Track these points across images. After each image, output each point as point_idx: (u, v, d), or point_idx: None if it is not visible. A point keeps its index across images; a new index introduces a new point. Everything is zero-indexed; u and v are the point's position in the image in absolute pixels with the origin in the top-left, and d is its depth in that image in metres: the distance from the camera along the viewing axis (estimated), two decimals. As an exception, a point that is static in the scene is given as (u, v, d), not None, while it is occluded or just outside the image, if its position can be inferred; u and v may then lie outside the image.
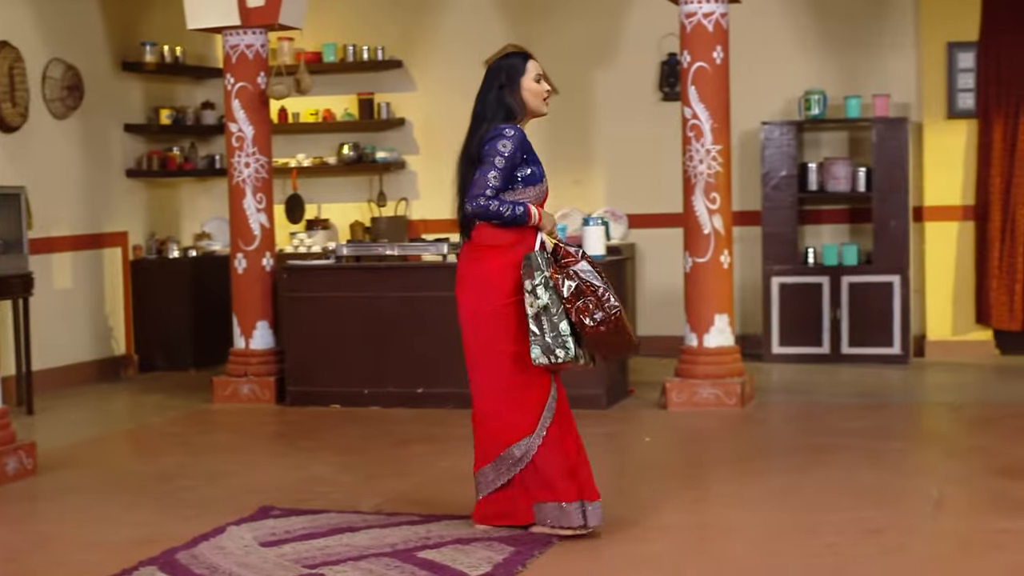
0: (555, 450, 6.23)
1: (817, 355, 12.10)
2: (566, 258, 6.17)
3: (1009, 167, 12.01)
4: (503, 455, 6.30)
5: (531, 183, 6.27)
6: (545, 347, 6.09)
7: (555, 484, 6.24)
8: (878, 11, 12.42)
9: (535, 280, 6.09)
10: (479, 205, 6.17)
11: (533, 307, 6.09)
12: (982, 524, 6.50)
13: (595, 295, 6.06)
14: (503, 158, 6.16)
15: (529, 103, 6.34)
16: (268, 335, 10.88)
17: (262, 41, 10.83)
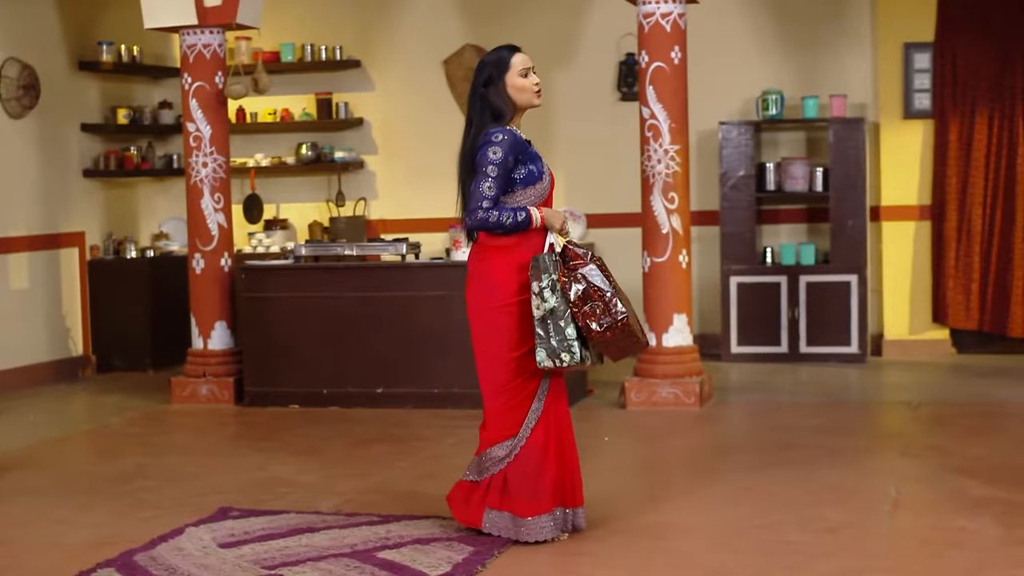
0: (532, 459, 6.21)
1: (775, 354, 12.15)
2: (575, 260, 6.13)
3: (965, 167, 12.08)
4: (485, 453, 6.31)
5: (530, 183, 6.22)
6: (551, 350, 6.07)
7: (518, 496, 6.22)
8: (835, 12, 12.47)
9: (542, 283, 6.06)
10: (478, 218, 6.15)
11: (540, 310, 6.06)
12: (940, 523, 6.54)
13: (603, 300, 6.04)
14: (495, 166, 6.11)
15: (517, 99, 6.26)
16: (226, 335, 10.85)
17: (219, 41, 10.79)
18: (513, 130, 6.22)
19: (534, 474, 6.21)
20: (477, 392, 9.91)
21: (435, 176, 13.16)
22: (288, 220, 13.51)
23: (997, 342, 12.26)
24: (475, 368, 6.32)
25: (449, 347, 10.04)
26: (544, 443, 6.23)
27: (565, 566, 5.98)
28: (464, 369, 9.97)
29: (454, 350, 10.01)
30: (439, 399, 10.08)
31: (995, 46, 11.99)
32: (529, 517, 6.21)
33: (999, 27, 11.96)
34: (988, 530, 6.34)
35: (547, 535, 6.23)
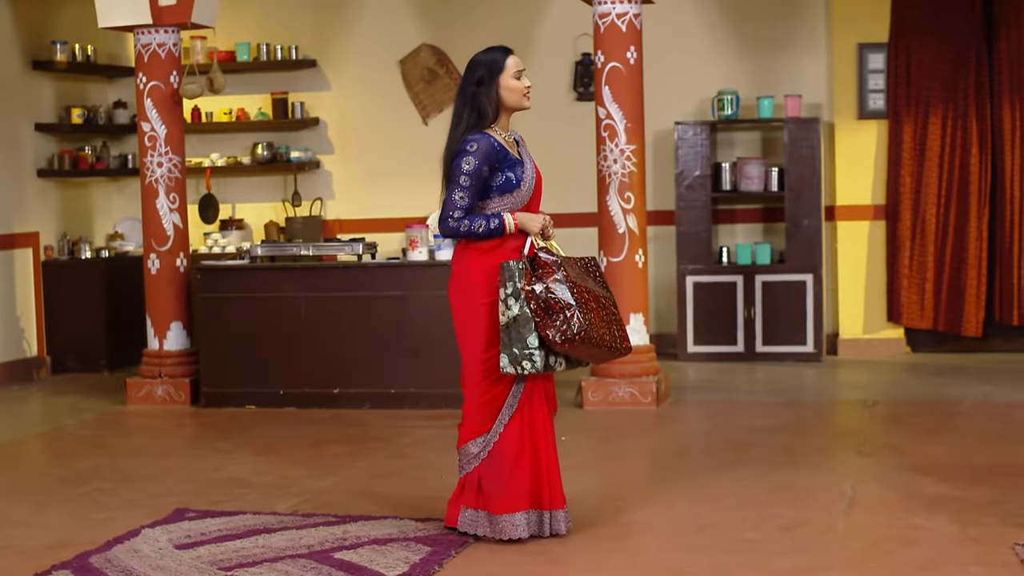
0: (507, 455, 6.23)
1: (731, 353, 12.19)
2: (543, 268, 6.14)
3: (919, 167, 12.15)
4: (462, 449, 6.34)
5: (506, 190, 6.23)
6: (512, 357, 6.10)
7: (492, 493, 6.26)
8: (790, 12, 12.52)
9: (507, 290, 6.09)
10: (449, 228, 6.17)
11: (504, 316, 6.10)
12: (895, 521, 6.57)
13: (563, 313, 6.05)
14: (467, 176, 6.12)
15: (507, 100, 6.28)
16: (182, 336, 10.81)
17: (174, 40, 10.75)
18: (490, 137, 6.21)
19: (507, 472, 6.24)
20: (434, 392, 10.02)
21: (391, 176, 13.17)
22: (244, 220, 13.46)
23: (951, 341, 12.34)
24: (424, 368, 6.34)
25: (406, 347, 10.03)
26: (518, 442, 6.25)
27: (523, 565, 5.98)
28: (421, 369, 9.99)
29: (411, 350, 10.01)
30: (396, 399, 10.08)
31: (949, 47, 12.06)
32: (503, 514, 6.25)
33: (953, 28, 12.04)
34: (943, 528, 6.38)
35: (520, 533, 6.26)
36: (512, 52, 6.36)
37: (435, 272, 10.00)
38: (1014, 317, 12.07)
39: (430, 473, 7.90)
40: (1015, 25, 11.94)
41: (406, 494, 7.36)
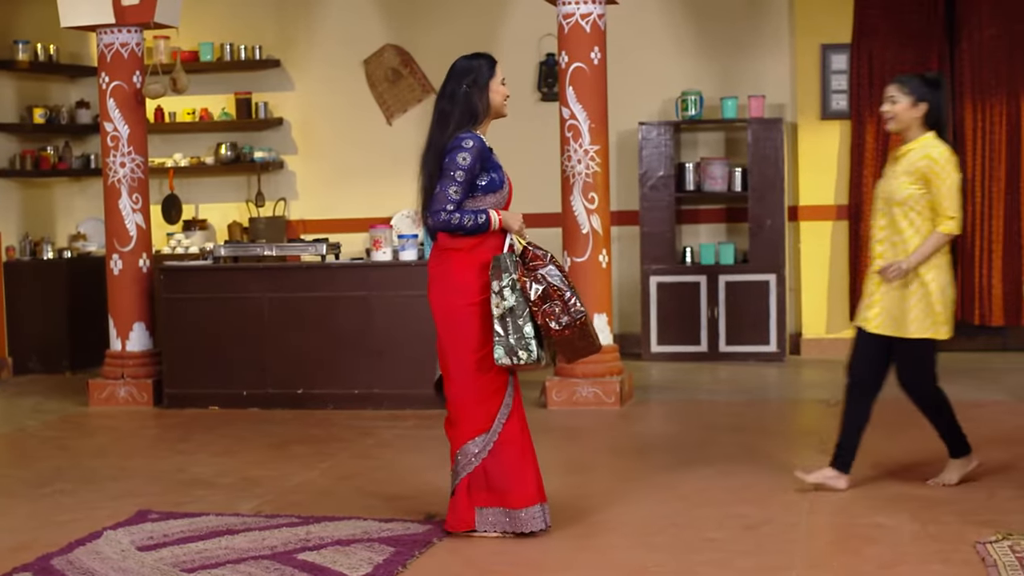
0: (511, 450, 6.29)
1: (695, 353, 12.22)
2: (534, 260, 6.26)
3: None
4: (460, 450, 6.35)
5: (491, 190, 6.31)
6: (508, 348, 6.16)
7: (505, 488, 6.29)
8: (753, 13, 12.56)
9: (503, 282, 6.16)
10: (441, 220, 6.23)
11: (499, 308, 6.16)
12: (856, 519, 6.60)
13: (561, 299, 6.17)
14: (462, 171, 6.20)
15: (495, 104, 6.38)
16: (145, 337, 10.77)
17: (137, 40, 10.72)
18: (482, 138, 6.33)
19: (518, 465, 6.30)
20: (398, 393, 10.00)
21: (355, 176, 13.16)
22: (207, 220, 13.43)
23: (913, 340, 12.38)
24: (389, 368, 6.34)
25: (370, 348, 10.02)
26: (521, 436, 6.34)
27: (487, 565, 5.99)
28: (385, 369, 9.98)
29: (375, 351, 10.00)
30: (359, 400, 10.07)
31: (911, 48, 12.12)
32: (523, 508, 6.29)
33: (915, 29, 12.10)
34: (904, 526, 6.41)
35: (537, 526, 6.32)
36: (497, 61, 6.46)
37: (399, 272, 10.00)
38: (975, 317, 12.14)
39: (394, 473, 7.90)
40: (976, 26, 12.01)
41: (370, 494, 7.35)
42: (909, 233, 6.92)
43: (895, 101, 6.99)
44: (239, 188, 13.54)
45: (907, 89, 6.98)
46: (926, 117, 6.97)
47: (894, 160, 7.06)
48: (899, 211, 6.93)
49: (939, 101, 6.99)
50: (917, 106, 6.95)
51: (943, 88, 7.04)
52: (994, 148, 12.03)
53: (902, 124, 7.00)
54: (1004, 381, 10.65)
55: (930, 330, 6.97)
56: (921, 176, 6.87)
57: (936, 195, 6.86)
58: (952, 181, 6.86)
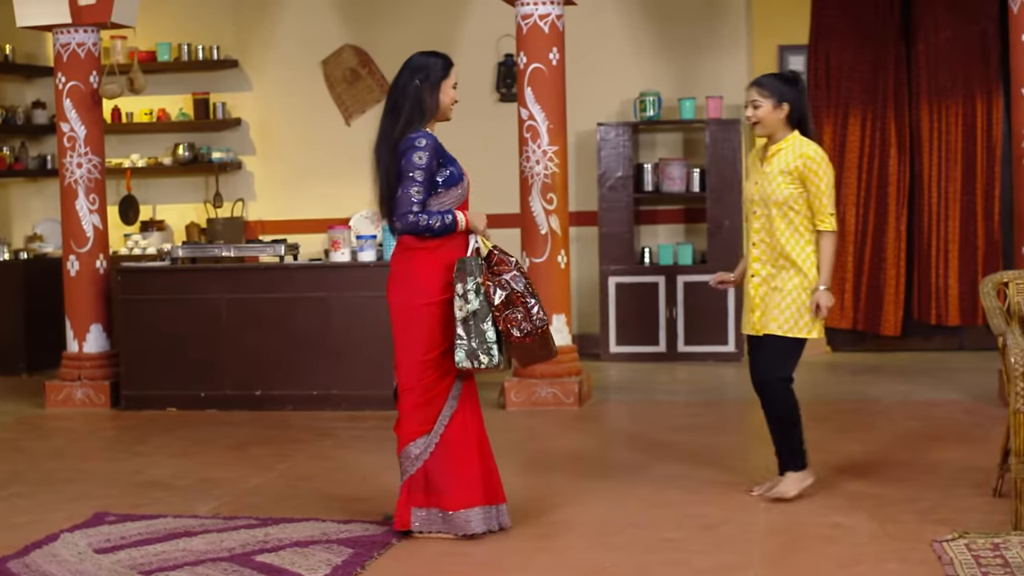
0: (452, 453, 6.28)
1: (654, 354, 12.25)
2: (499, 265, 6.27)
3: (839, 168, 12.24)
4: (404, 451, 6.35)
5: (451, 184, 6.31)
6: (470, 351, 6.16)
7: (442, 490, 6.29)
8: (711, 14, 12.60)
9: (467, 285, 6.16)
10: (408, 222, 6.23)
11: (462, 311, 6.16)
12: (814, 518, 6.62)
13: (524, 306, 6.19)
14: (421, 170, 6.20)
15: (443, 105, 6.38)
16: (102, 338, 10.72)
17: (94, 39, 10.67)
18: (434, 135, 6.34)
19: (457, 468, 6.29)
20: (356, 394, 9.98)
21: (314, 177, 13.14)
22: (165, 221, 13.39)
23: (870, 340, 12.47)
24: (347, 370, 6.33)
25: (328, 349, 10.01)
26: (464, 438, 6.32)
27: (445, 567, 5.98)
28: (343, 370, 9.97)
29: (333, 352, 9.98)
30: (317, 401, 10.05)
31: (868, 49, 12.18)
32: (459, 511, 6.29)
33: (871, 30, 12.16)
34: (862, 525, 6.44)
35: (477, 528, 6.31)
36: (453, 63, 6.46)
37: (357, 273, 9.98)
38: (932, 316, 12.21)
39: (352, 475, 7.89)
40: (932, 28, 12.09)
41: (328, 496, 7.34)
42: (787, 234, 6.83)
43: (758, 105, 6.89)
44: (197, 189, 13.49)
45: (767, 91, 6.90)
46: (789, 116, 6.89)
47: (763, 161, 6.95)
48: (777, 211, 6.84)
49: (800, 99, 6.91)
50: (780, 107, 6.86)
51: (802, 85, 6.97)
52: (950, 149, 12.10)
53: (768, 127, 6.91)
54: (960, 380, 10.71)
55: (798, 329, 6.86)
56: (799, 175, 6.79)
57: (814, 194, 6.79)
58: (829, 178, 6.81)
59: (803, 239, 6.85)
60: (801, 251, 6.85)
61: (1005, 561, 5.66)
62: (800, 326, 6.86)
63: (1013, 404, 6.22)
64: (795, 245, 6.84)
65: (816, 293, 6.81)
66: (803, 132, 6.93)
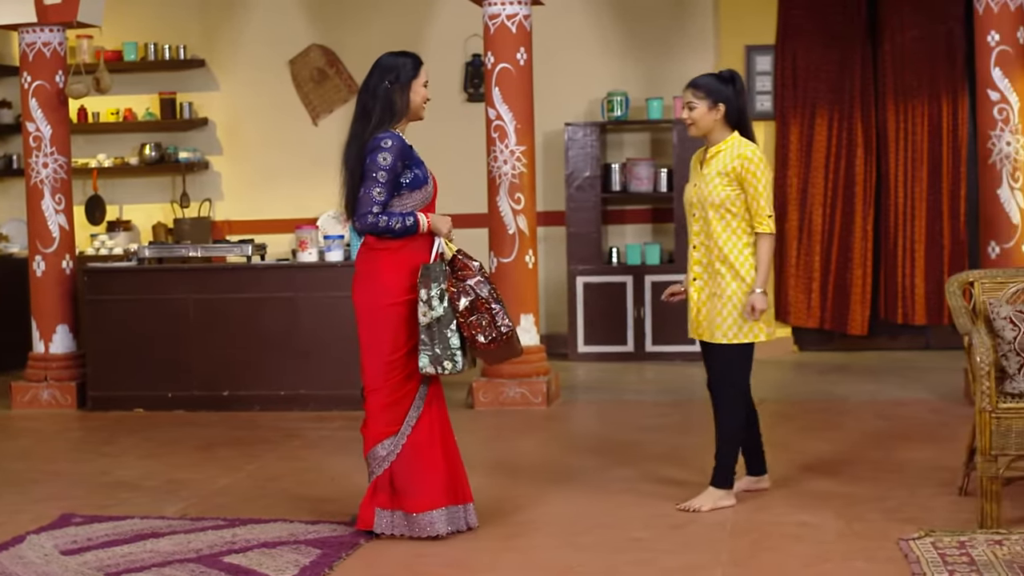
0: (418, 454, 6.29)
1: (621, 353, 12.26)
2: (463, 270, 6.26)
3: (806, 168, 12.30)
4: (371, 453, 6.35)
5: (416, 187, 6.31)
6: (434, 357, 6.17)
7: (406, 491, 6.29)
8: (678, 14, 12.62)
9: (431, 291, 6.16)
10: (368, 223, 6.23)
11: (427, 317, 6.16)
12: (782, 517, 6.64)
13: (489, 312, 6.20)
14: (384, 171, 6.20)
15: (414, 105, 6.39)
16: (68, 339, 10.68)
17: (60, 39, 10.62)
18: (401, 135, 6.33)
19: (421, 470, 6.29)
20: (324, 394, 9.97)
21: (281, 177, 13.12)
22: (131, 221, 13.34)
23: (837, 339, 12.52)
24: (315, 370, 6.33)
25: (296, 349, 9.99)
26: (429, 439, 6.32)
27: (413, 567, 5.98)
28: (311, 371, 9.95)
29: (301, 352, 9.97)
30: (285, 401, 10.03)
31: (834, 50, 12.22)
32: (421, 512, 6.29)
33: (838, 31, 12.21)
34: (828, 524, 6.46)
35: (440, 530, 6.31)
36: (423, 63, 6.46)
37: (325, 273, 9.97)
38: (898, 316, 12.27)
39: (320, 475, 7.88)
40: (898, 28, 12.14)
41: (296, 496, 7.33)
42: (724, 236, 6.70)
43: (693, 106, 6.82)
44: (164, 189, 13.45)
45: (702, 92, 6.83)
46: (727, 117, 6.80)
47: (703, 163, 6.85)
48: (714, 214, 6.71)
49: (736, 99, 6.82)
50: (716, 107, 6.78)
51: (739, 85, 6.89)
52: (916, 149, 12.15)
53: (704, 128, 6.82)
54: (927, 380, 10.76)
55: (743, 335, 6.75)
56: (736, 177, 6.67)
57: (752, 195, 6.66)
58: (767, 179, 6.68)
59: (741, 242, 6.72)
60: (739, 254, 6.72)
61: (971, 559, 5.69)
62: (744, 331, 6.74)
63: (979, 403, 6.25)
64: (733, 248, 6.71)
65: (751, 295, 6.68)
66: (743, 133, 6.83)
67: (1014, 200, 9.51)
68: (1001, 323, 6.40)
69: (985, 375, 6.22)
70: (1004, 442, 6.24)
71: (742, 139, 6.80)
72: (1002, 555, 5.72)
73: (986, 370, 6.22)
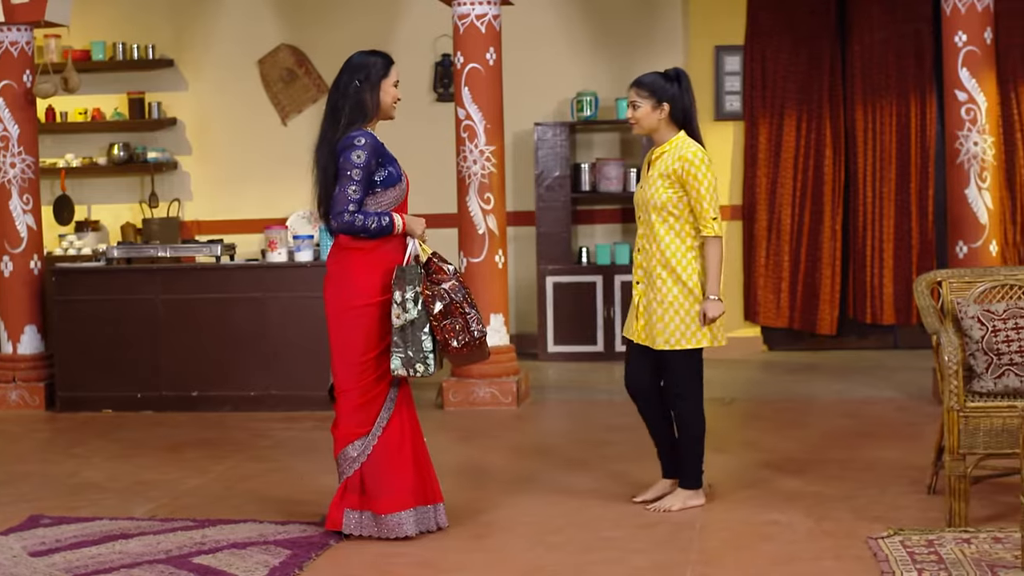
0: (388, 455, 6.29)
1: (591, 353, 12.27)
2: (438, 273, 6.27)
3: (774, 168, 12.34)
4: (342, 454, 6.35)
5: (390, 184, 6.31)
6: (406, 360, 6.17)
7: (376, 492, 6.29)
8: (647, 15, 12.64)
9: (406, 294, 6.16)
10: (344, 221, 6.22)
11: (400, 319, 6.16)
12: (752, 516, 6.66)
13: (463, 316, 6.20)
14: (359, 169, 6.20)
15: (384, 104, 6.39)
16: (36, 339, 10.64)
17: (27, 38, 10.58)
18: (373, 134, 6.33)
19: (391, 471, 6.29)
20: (293, 395, 9.95)
21: (250, 177, 13.09)
22: (100, 222, 13.29)
23: (806, 339, 12.55)
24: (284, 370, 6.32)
25: (265, 349, 9.97)
26: (399, 440, 6.32)
27: (383, 567, 5.98)
28: (280, 371, 9.93)
29: (270, 352, 9.95)
30: (255, 401, 10.01)
31: (803, 49, 12.26)
32: (390, 514, 6.29)
33: (807, 31, 12.24)
34: (798, 523, 6.48)
35: (409, 531, 6.31)
36: (393, 62, 6.45)
37: (295, 274, 9.96)
38: (867, 315, 12.31)
39: (290, 476, 7.86)
40: (867, 29, 12.18)
41: (266, 497, 7.32)
42: (668, 239, 6.61)
43: (637, 105, 6.77)
44: (132, 189, 13.41)
45: (646, 91, 6.77)
46: (672, 116, 6.74)
47: (649, 164, 6.78)
48: (657, 216, 6.63)
49: (681, 98, 6.73)
50: (660, 107, 6.72)
51: (684, 83, 6.78)
52: (884, 149, 12.20)
53: (647, 128, 6.77)
54: (895, 379, 10.80)
55: (687, 340, 6.66)
56: (678, 179, 6.59)
57: (695, 197, 6.57)
58: (709, 181, 6.58)
59: (685, 245, 6.63)
60: (682, 258, 6.63)
61: (939, 557, 5.71)
62: (688, 337, 6.65)
63: (947, 402, 6.27)
64: (676, 252, 6.62)
65: (705, 302, 6.59)
66: (690, 133, 6.75)
67: (981, 200, 9.55)
68: (969, 322, 6.43)
69: (953, 374, 6.25)
70: (972, 441, 6.27)
71: (687, 140, 6.72)
72: (970, 553, 5.75)
73: (954, 369, 6.25)
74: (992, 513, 6.52)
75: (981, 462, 6.38)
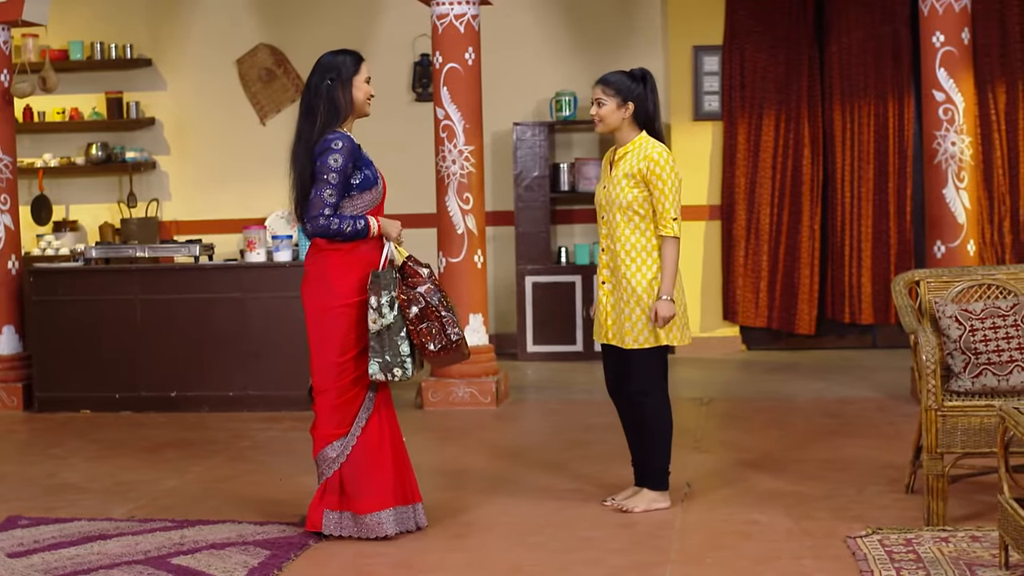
0: (367, 456, 6.29)
1: (571, 353, 12.28)
2: (413, 277, 6.29)
3: (753, 168, 12.36)
4: (320, 454, 6.34)
5: (366, 187, 6.31)
6: (384, 365, 6.18)
7: (355, 493, 6.29)
8: (626, 14, 12.65)
9: (381, 299, 6.17)
10: (319, 225, 6.22)
11: (377, 324, 6.17)
12: (732, 516, 6.67)
13: (439, 320, 6.21)
14: (335, 173, 6.20)
15: (358, 102, 6.39)
16: (14, 340, 10.61)
17: (5, 38, 10.55)
18: (350, 136, 6.34)
19: (370, 471, 6.29)
20: (272, 395, 9.94)
21: (229, 177, 13.07)
22: (78, 222, 13.27)
23: (785, 338, 12.58)
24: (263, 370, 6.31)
25: (244, 349, 9.96)
26: (378, 440, 6.32)
27: (362, 568, 5.97)
28: (259, 371, 9.92)
29: (250, 352, 9.94)
30: (234, 402, 9.99)
31: (781, 50, 12.29)
32: (369, 514, 6.29)
33: (785, 32, 12.27)
34: (778, 522, 6.49)
35: (388, 530, 6.31)
36: (364, 59, 6.44)
37: (273, 274, 9.94)
38: (845, 315, 12.34)
39: (269, 476, 7.85)
40: (845, 29, 12.21)
41: (245, 498, 7.31)
42: (633, 239, 6.60)
43: (601, 103, 6.77)
44: (110, 189, 13.38)
45: (612, 90, 6.78)
46: (635, 116, 6.74)
47: (612, 164, 6.77)
48: (622, 216, 6.60)
49: (646, 98, 6.73)
50: (625, 106, 6.73)
51: (650, 84, 6.78)
52: (862, 149, 12.23)
53: (611, 126, 6.76)
54: (874, 378, 10.83)
55: (656, 338, 6.64)
56: (643, 178, 6.57)
57: (657, 197, 6.55)
58: (674, 181, 6.56)
59: (650, 244, 6.62)
60: (647, 257, 6.62)
61: (918, 556, 5.73)
62: (656, 335, 6.64)
63: (925, 401, 6.29)
64: (641, 251, 6.61)
65: (657, 302, 6.56)
66: (652, 133, 6.74)
67: (959, 200, 9.58)
68: (947, 322, 6.45)
69: (931, 373, 6.26)
70: (950, 440, 6.29)
71: (650, 140, 6.70)
72: (948, 552, 5.77)
73: (932, 368, 6.26)
74: (970, 512, 6.54)
75: (959, 461, 6.40)
